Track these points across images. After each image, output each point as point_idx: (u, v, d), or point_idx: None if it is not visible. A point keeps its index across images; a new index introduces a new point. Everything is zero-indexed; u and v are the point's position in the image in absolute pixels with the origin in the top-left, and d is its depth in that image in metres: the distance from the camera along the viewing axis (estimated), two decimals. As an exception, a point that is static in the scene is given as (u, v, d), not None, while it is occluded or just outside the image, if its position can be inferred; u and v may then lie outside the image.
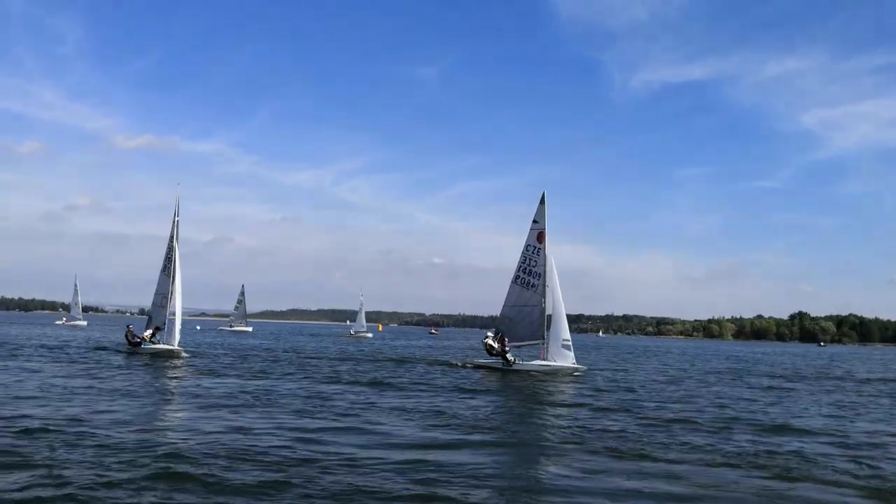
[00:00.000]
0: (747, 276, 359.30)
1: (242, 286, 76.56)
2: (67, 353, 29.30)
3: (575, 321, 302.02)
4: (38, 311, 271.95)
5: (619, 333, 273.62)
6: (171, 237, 30.11)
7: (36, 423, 11.35)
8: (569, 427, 13.42)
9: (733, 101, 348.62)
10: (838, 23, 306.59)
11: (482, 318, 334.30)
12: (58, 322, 79.25)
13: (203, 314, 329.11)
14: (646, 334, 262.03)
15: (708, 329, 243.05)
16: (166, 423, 12.33)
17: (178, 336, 28.30)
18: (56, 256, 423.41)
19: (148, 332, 29.89)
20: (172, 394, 16.63)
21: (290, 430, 11.83)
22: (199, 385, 18.56)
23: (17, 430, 10.77)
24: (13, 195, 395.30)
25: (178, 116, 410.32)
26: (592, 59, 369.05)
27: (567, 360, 26.62)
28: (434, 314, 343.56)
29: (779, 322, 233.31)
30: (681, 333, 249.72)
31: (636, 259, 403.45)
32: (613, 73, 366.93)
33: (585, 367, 28.52)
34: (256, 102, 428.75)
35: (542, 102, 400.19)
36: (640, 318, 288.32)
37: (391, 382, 21.35)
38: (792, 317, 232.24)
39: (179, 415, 13.43)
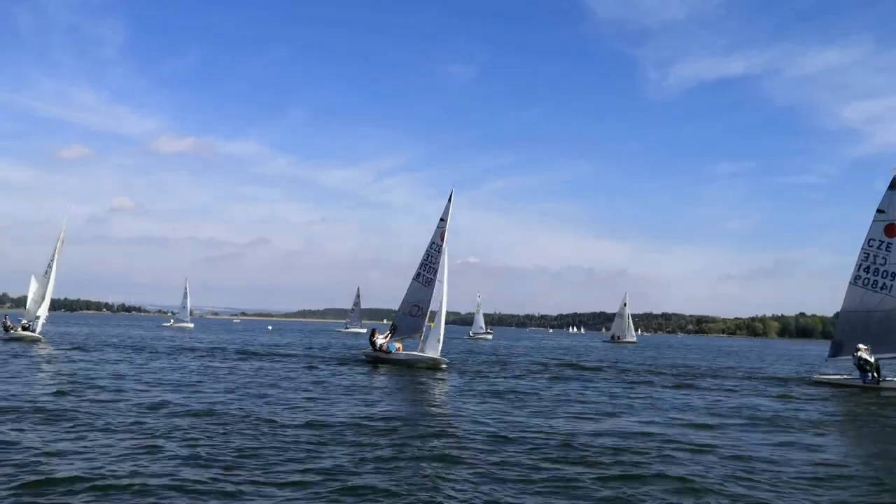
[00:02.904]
0: (787, 274, 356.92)
1: (358, 288, 76.68)
2: (307, 360, 29.77)
3: (613, 319, 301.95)
4: (83, 311, 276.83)
5: (658, 332, 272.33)
6: (434, 244, 27.93)
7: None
8: None
9: (773, 95, 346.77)
10: (882, 11, 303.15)
11: (518, 316, 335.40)
12: (165, 324, 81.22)
13: (243, 314, 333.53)
14: (686, 332, 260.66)
15: (752, 327, 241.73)
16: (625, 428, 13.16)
17: (439, 346, 26.43)
18: (99, 258, 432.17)
19: (382, 339, 28.54)
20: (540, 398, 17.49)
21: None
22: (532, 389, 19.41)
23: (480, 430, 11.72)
24: (58, 198, 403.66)
25: (215, 117, 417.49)
26: (629, 55, 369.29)
27: None
28: (469, 313, 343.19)
29: (824, 320, 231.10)
30: (723, 332, 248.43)
31: (673, 256, 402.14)
32: (650, 70, 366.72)
33: None
34: (291, 102, 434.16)
35: (578, 99, 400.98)
36: (680, 317, 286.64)
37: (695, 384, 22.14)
38: (837, 314, 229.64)
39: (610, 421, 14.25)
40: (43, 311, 36.37)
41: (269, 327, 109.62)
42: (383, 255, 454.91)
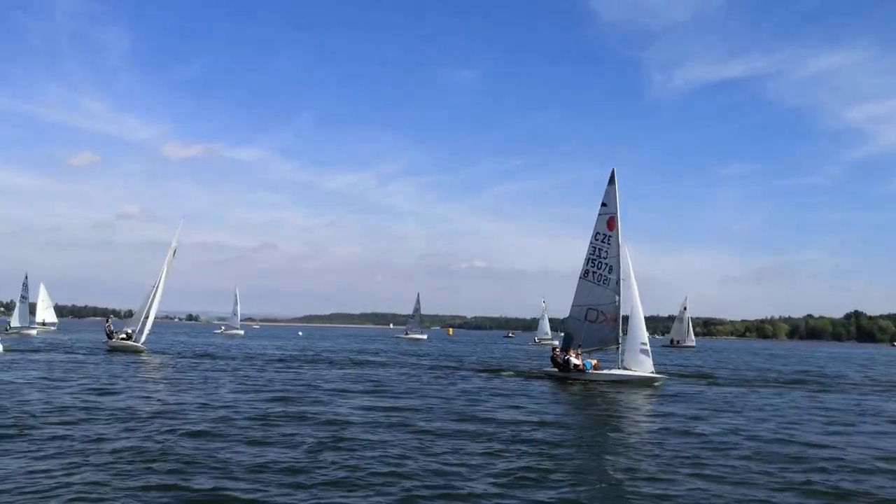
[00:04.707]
0: (794, 275, 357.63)
1: (418, 295, 75.98)
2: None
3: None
4: (91, 318, 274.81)
5: (665, 334, 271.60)
6: (599, 234, 24.60)
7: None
8: None
9: (777, 97, 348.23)
10: (885, 13, 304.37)
11: (525, 320, 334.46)
12: (216, 331, 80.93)
13: (250, 319, 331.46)
14: (695, 335, 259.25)
15: (761, 329, 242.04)
16: None
17: (650, 360, 22.70)
18: (107, 264, 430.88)
19: (575, 358, 24.24)
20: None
21: None
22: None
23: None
24: (67, 205, 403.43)
25: (221, 124, 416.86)
26: (632, 57, 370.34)
27: None
28: (475, 317, 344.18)
29: (834, 321, 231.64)
30: (731, 334, 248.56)
31: (679, 258, 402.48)
32: (654, 72, 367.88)
33: None
34: (297, 108, 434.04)
35: (582, 102, 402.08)
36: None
37: None
38: (848, 316, 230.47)
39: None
40: (149, 322, 35.96)
41: (300, 332, 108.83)
42: (386, 258, 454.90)
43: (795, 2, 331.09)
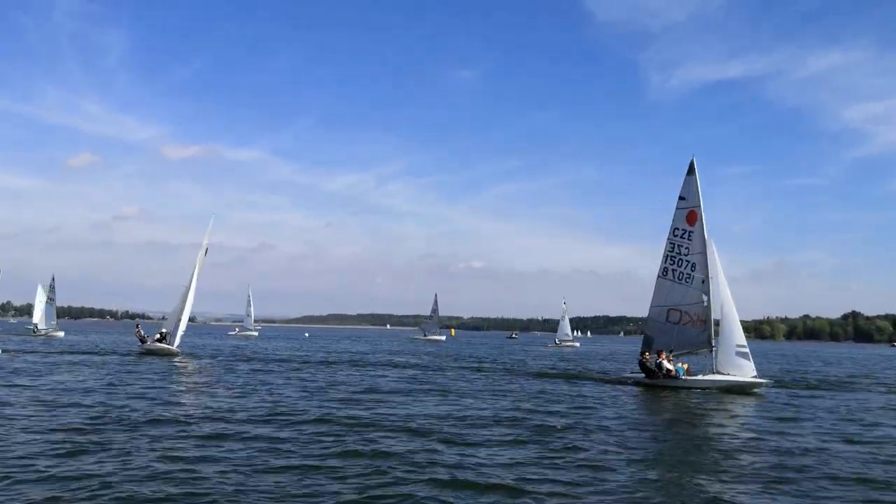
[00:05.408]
0: (793, 275, 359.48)
1: (435, 295, 73.28)
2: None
3: (618, 323, 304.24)
4: (88, 319, 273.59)
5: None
6: (678, 229, 23.08)
7: None
8: None
9: (776, 97, 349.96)
10: (885, 13, 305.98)
11: (522, 320, 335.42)
12: (230, 333, 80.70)
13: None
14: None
15: (759, 330, 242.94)
16: None
17: (750, 362, 21.28)
18: (105, 265, 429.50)
19: (668, 363, 22.39)
20: None
21: None
22: None
23: None
24: (67, 206, 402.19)
25: (221, 125, 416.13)
26: (631, 58, 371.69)
27: None
28: (472, 317, 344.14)
29: (832, 322, 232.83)
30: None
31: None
32: (652, 73, 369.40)
33: None
34: (297, 108, 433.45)
35: (581, 103, 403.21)
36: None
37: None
38: (845, 316, 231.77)
39: None
40: (183, 324, 35.65)
41: (307, 334, 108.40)
42: (386, 259, 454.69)
43: (795, 2, 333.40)
